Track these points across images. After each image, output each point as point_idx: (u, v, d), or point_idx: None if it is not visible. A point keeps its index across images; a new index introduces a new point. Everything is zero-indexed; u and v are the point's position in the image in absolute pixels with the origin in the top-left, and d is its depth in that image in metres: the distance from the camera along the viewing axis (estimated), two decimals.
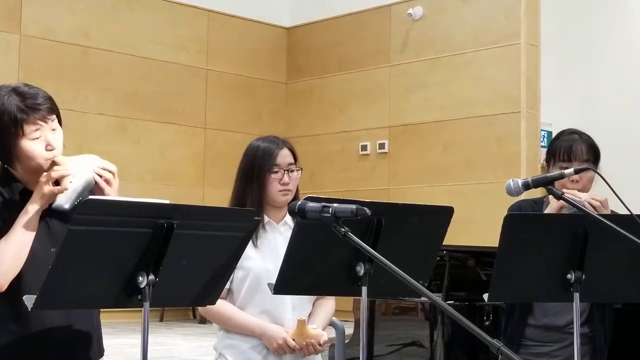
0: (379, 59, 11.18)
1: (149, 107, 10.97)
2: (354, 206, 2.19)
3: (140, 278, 2.18)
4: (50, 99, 2.50)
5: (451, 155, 10.35)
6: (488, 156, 10.00)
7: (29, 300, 2.11)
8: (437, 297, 2.04)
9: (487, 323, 4.14)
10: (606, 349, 3.24)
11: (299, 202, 2.29)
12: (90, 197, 2.16)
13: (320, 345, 2.89)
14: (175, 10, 11.30)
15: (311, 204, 2.26)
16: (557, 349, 3.19)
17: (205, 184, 11.41)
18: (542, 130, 9.99)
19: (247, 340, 2.92)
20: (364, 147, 11.26)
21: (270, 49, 12.17)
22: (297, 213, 2.28)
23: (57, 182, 2.39)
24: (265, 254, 2.93)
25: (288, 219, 3.00)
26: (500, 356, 1.81)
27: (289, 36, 12.33)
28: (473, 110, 10.18)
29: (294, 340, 2.86)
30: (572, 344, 2.79)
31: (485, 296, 2.74)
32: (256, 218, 2.42)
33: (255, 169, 2.95)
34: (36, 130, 2.43)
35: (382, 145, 11.08)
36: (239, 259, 2.44)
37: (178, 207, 2.21)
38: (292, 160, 2.99)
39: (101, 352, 2.63)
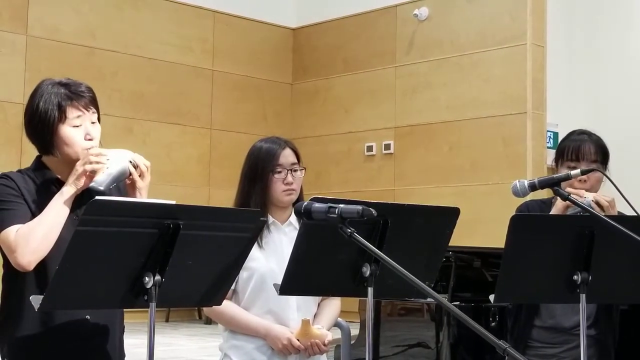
0: (384, 59, 11.18)
1: (154, 108, 10.98)
2: (360, 207, 2.18)
3: (147, 278, 2.18)
4: (92, 91, 2.61)
5: (457, 156, 10.34)
6: (494, 157, 9.99)
7: (35, 300, 2.12)
8: (443, 298, 2.03)
9: (493, 324, 4.14)
10: (613, 351, 3.23)
11: (305, 203, 2.28)
12: (97, 197, 2.17)
13: (324, 345, 2.89)
14: (180, 11, 11.31)
15: (317, 205, 2.26)
16: (564, 350, 3.18)
17: (210, 184, 11.42)
18: (548, 131, 9.97)
19: (252, 340, 2.92)
20: (370, 148, 11.25)
21: (276, 50, 12.18)
22: (303, 214, 2.28)
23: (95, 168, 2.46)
24: (270, 254, 2.93)
25: (293, 219, 3.00)
26: (506, 357, 1.80)
27: (295, 37, 12.33)
28: (479, 111, 10.17)
29: (298, 340, 2.86)
30: (579, 345, 2.78)
31: (491, 297, 2.74)
32: (262, 219, 2.42)
33: (258, 170, 2.95)
34: (78, 117, 2.53)
35: (387, 146, 11.07)
36: (245, 260, 2.44)
37: (184, 207, 2.21)
38: (295, 160, 2.99)
39: (122, 355, 2.65)
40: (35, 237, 2.39)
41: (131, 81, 10.79)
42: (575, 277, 2.68)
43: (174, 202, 2.23)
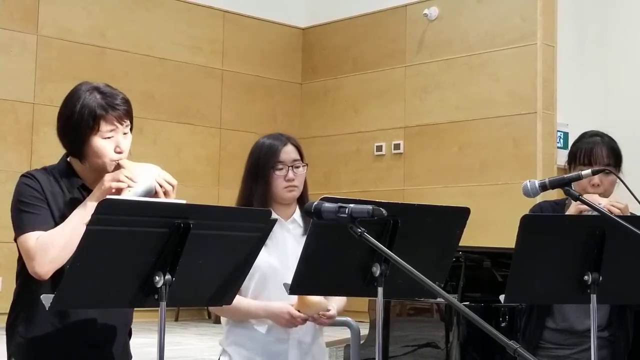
0: (394, 59, 11.16)
1: (164, 108, 11.00)
2: (370, 207, 2.18)
3: (157, 278, 2.19)
4: (128, 103, 2.58)
5: (467, 156, 10.32)
6: (504, 157, 9.97)
7: (46, 299, 2.12)
8: (453, 298, 2.03)
9: (503, 324, 4.13)
10: (627, 353, 3.21)
11: (315, 203, 2.28)
12: (108, 196, 2.17)
13: (328, 312, 2.85)
14: (191, 11, 11.33)
15: (327, 205, 2.26)
16: (577, 352, 3.17)
17: (220, 184, 11.43)
18: (558, 131, 9.94)
19: (251, 337, 2.92)
20: (379, 148, 11.24)
21: (286, 50, 12.18)
22: (313, 213, 2.28)
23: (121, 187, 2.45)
24: (273, 251, 2.92)
25: (297, 216, 2.99)
26: (517, 358, 1.80)
27: (304, 36, 12.33)
28: (489, 110, 10.15)
29: (299, 312, 2.83)
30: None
31: (501, 297, 2.74)
32: (273, 218, 2.42)
33: (260, 166, 2.95)
34: (111, 130, 2.51)
35: (397, 146, 11.06)
36: (255, 259, 2.44)
37: (195, 207, 2.22)
38: (297, 157, 2.98)
39: (128, 356, 2.65)
40: (54, 248, 2.39)
41: (141, 81, 10.81)
42: (585, 277, 2.68)
43: (184, 202, 2.23)
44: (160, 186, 2.49)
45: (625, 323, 3.21)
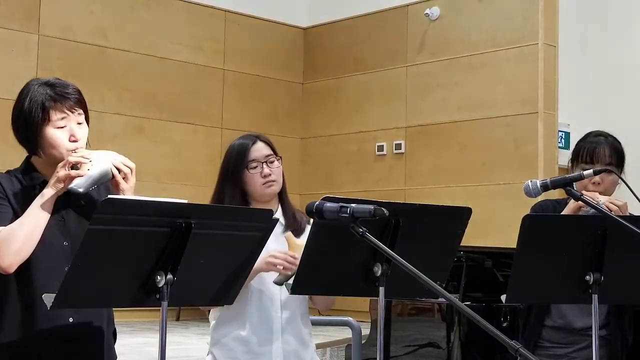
0: (395, 59, 11.16)
1: (165, 107, 11.00)
2: (371, 206, 2.19)
3: (159, 277, 2.19)
4: (79, 92, 2.56)
5: (468, 155, 10.32)
6: (505, 157, 9.97)
7: (48, 298, 2.12)
8: (455, 298, 2.03)
9: (504, 324, 4.14)
10: (624, 353, 3.22)
11: (317, 202, 2.29)
12: (110, 196, 2.17)
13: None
14: (192, 11, 11.33)
15: (329, 204, 2.26)
16: (574, 350, 3.17)
17: None
18: (559, 131, 9.94)
19: (234, 337, 2.90)
20: (381, 148, 11.24)
21: (287, 49, 12.18)
22: (315, 213, 2.28)
23: (75, 170, 2.44)
24: None
25: (279, 214, 2.96)
26: (518, 357, 1.80)
27: (306, 36, 12.33)
28: (490, 110, 10.15)
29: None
30: (589, 345, 2.78)
31: (503, 297, 2.74)
32: (274, 217, 2.43)
33: (230, 168, 2.95)
34: (62, 118, 2.50)
35: (398, 146, 11.06)
36: (256, 259, 2.44)
37: (196, 206, 2.22)
38: (270, 152, 2.97)
39: (112, 357, 2.63)
40: (16, 240, 2.37)
41: (143, 80, 10.81)
42: (587, 277, 2.68)
43: (185, 201, 2.23)
44: (119, 170, 2.48)
45: (623, 323, 3.22)
